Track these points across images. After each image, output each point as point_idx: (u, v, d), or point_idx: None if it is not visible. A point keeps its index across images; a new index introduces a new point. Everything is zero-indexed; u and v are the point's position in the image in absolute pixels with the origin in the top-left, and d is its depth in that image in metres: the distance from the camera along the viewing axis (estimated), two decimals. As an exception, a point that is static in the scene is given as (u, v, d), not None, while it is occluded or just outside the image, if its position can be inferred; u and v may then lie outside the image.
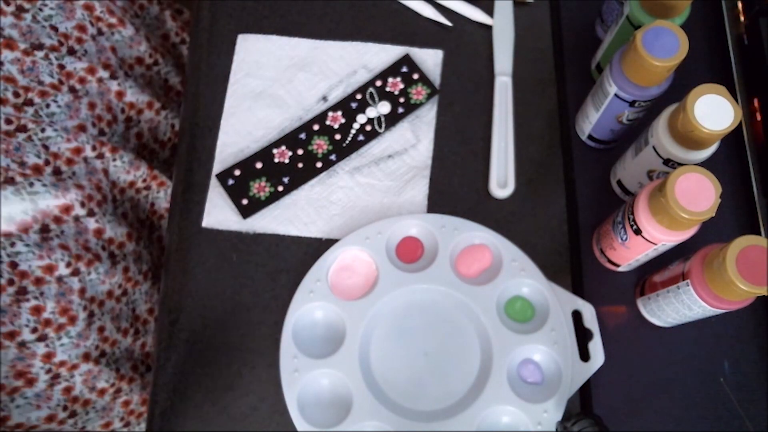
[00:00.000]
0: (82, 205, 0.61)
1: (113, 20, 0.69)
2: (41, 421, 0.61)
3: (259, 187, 0.59)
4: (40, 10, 0.63)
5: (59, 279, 0.59)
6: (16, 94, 0.60)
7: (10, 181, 0.57)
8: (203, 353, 0.55)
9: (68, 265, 0.59)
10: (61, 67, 0.63)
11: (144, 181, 0.70)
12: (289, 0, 0.66)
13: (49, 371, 0.60)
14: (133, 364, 0.69)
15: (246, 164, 0.60)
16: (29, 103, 0.61)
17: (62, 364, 0.60)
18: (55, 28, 0.64)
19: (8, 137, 0.59)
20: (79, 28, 0.66)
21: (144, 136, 0.74)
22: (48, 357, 0.59)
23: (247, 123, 0.62)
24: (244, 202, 0.59)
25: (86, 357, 0.62)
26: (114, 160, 0.66)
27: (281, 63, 0.64)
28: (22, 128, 0.59)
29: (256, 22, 0.65)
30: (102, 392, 0.65)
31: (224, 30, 0.65)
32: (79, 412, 0.64)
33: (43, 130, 0.60)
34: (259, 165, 0.60)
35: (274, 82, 0.63)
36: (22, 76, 0.61)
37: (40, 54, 0.62)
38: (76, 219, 0.61)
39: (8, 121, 0.59)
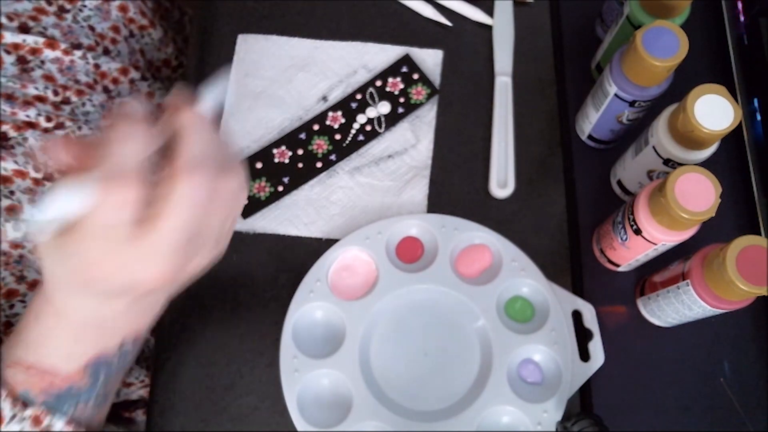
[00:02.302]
0: None
1: (144, 22, 0.70)
2: None
3: (259, 187, 0.59)
4: (80, 10, 0.64)
5: None
6: (56, 93, 0.62)
7: (50, 177, 0.59)
8: (203, 353, 0.55)
9: None
10: (97, 66, 0.65)
11: None
12: (289, 0, 0.66)
13: None
14: None
15: (246, 164, 0.60)
16: (67, 101, 0.63)
17: None
18: (92, 29, 0.65)
19: (48, 134, 0.60)
20: (113, 29, 0.67)
21: None
22: None
23: (246, 123, 0.62)
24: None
25: None
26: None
27: (281, 63, 0.64)
28: (60, 126, 0.61)
29: (256, 22, 0.65)
30: (128, 386, 0.65)
31: (224, 30, 0.65)
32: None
33: (80, 128, 0.62)
34: (259, 165, 0.60)
35: (274, 82, 0.63)
36: (60, 75, 0.62)
37: (78, 53, 0.63)
38: None
39: (48, 119, 0.60)
